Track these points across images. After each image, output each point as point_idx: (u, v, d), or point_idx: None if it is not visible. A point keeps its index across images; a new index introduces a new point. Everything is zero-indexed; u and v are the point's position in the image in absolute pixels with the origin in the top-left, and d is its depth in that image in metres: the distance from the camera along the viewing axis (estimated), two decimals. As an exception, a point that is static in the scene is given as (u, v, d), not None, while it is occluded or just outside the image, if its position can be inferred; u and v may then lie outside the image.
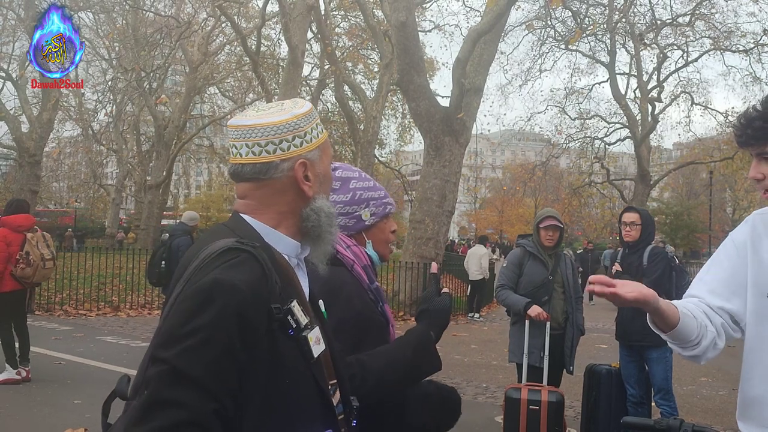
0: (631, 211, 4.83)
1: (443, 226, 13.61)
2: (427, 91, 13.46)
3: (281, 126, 1.29)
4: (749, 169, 1.59)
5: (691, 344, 1.56)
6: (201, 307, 1.11)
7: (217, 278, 1.13)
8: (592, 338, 9.44)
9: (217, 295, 1.11)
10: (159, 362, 1.10)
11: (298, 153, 1.30)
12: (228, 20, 19.10)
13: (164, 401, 1.07)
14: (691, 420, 1.62)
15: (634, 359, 4.64)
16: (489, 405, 6.08)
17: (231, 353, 1.11)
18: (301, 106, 1.34)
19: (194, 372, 1.07)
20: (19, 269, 6.03)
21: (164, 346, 1.11)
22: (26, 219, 6.26)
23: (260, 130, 1.28)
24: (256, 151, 1.28)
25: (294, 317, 1.20)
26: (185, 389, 1.07)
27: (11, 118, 21.76)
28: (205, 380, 1.08)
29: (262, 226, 1.29)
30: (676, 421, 1.59)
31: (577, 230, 43.46)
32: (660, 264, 4.57)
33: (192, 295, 1.13)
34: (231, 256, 1.17)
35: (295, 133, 1.30)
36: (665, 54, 26.42)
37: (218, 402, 1.09)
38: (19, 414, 5.20)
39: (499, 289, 4.81)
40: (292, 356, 1.20)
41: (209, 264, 1.17)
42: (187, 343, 1.09)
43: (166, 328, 1.13)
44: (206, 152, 37.26)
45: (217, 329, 1.10)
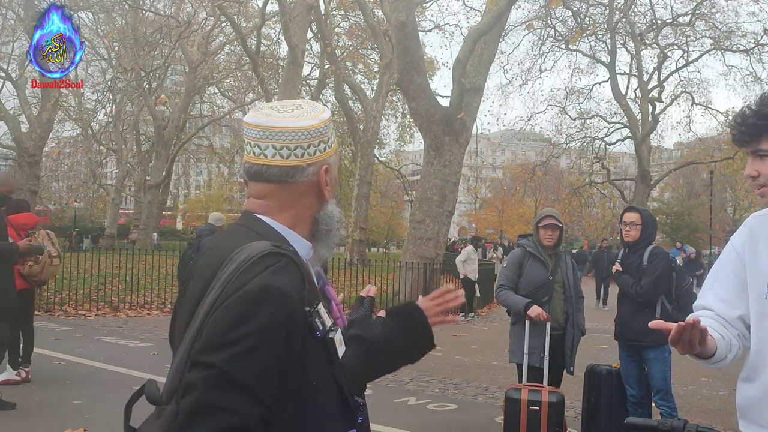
0: (632, 211, 4.83)
1: (443, 226, 13.61)
2: (427, 91, 13.46)
3: (311, 131, 1.30)
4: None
5: (717, 360, 1.59)
6: (251, 313, 1.11)
7: (266, 284, 1.13)
8: (593, 338, 9.42)
9: (268, 301, 1.12)
10: (205, 367, 1.09)
11: (322, 158, 1.32)
12: (228, 20, 19.10)
13: (213, 406, 1.06)
14: (692, 420, 1.62)
15: (633, 359, 4.64)
16: (489, 405, 6.07)
17: (279, 360, 1.12)
18: (323, 111, 1.35)
19: (245, 378, 1.08)
20: (27, 267, 6.01)
21: (211, 351, 1.10)
22: (29, 218, 6.29)
23: (290, 134, 1.28)
24: (284, 154, 1.28)
25: (321, 319, 1.20)
26: (234, 395, 1.07)
27: (11, 118, 21.75)
28: (254, 386, 1.08)
29: (281, 227, 1.30)
30: (680, 421, 1.58)
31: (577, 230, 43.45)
32: (659, 264, 4.57)
33: (240, 301, 1.13)
34: (273, 261, 1.17)
35: (321, 139, 1.31)
36: (666, 54, 26.43)
37: (265, 407, 1.10)
38: (19, 414, 5.19)
39: (500, 289, 4.81)
40: (318, 358, 1.20)
41: (250, 268, 1.16)
42: (237, 348, 1.09)
43: (212, 332, 1.12)
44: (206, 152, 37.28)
45: (269, 335, 1.10)
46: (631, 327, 4.60)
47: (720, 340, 1.58)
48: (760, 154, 1.51)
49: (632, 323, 4.60)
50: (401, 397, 6.22)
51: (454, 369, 7.80)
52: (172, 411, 1.11)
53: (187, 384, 1.10)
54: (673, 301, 4.59)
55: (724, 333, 1.60)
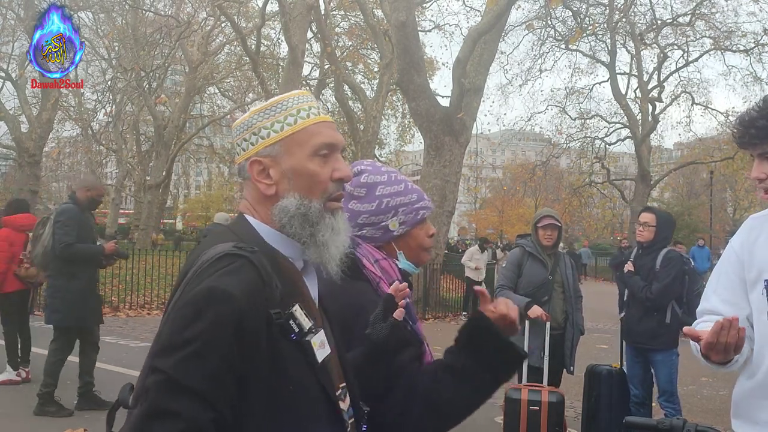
0: (648, 212, 4.82)
1: (443, 226, 13.61)
2: (427, 91, 13.45)
3: (242, 126, 1.30)
4: (750, 169, 1.61)
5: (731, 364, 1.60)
6: (196, 316, 1.09)
7: (211, 286, 1.11)
8: (593, 338, 9.42)
9: (212, 304, 1.09)
10: (156, 372, 1.08)
11: (253, 151, 1.27)
12: (228, 20, 19.10)
13: (162, 412, 1.05)
14: (692, 420, 1.62)
15: (639, 360, 4.63)
16: (489, 405, 6.03)
17: (228, 362, 1.09)
18: (265, 103, 1.31)
19: (191, 382, 1.06)
20: (24, 269, 6.01)
21: (161, 355, 1.10)
22: (28, 218, 6.28)
23: (236, 131, 1.30)
24: (238, 150, 1.30)
25: (296, 321, 1.17)
26: (182, 399, 1.05)
27: (11, 118, 21.75)
28: (202, 390, 1.06)
29: (264, 227, 1.27)
30: (679, 421, 1.59)
31: (577, 230, 43.43)
32: (672, 270, 4.52)
33: (187, 304, 1.12)
34: (227, 263, 1.15)
35: (251, 131, 1.28)
36: (665, 54, 26.41)
37: (216, 411, 1.07)
38: (19, 414, 5.19)
39: (499, 289, 4.81)
40: (296, 361, 1.17)
41: (205, 271, 1.15)
42: (183, 352, 1.07)
43: (164, 336, 1.12)
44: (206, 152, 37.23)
45: (213, 338, 1.08)
46: (639, 329, 4.59)
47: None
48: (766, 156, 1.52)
49: (640, 326, 4.59)
50: (401, 397, 6.21)
51: (454, 369, 7.80)
52: (134, 415, 1.10)
53: (143, 389, 1.10)
54: (683, 305, 4.56)
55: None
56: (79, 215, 5.29)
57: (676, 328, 4.55)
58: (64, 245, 5.10)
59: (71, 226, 5.17)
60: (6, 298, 6.11)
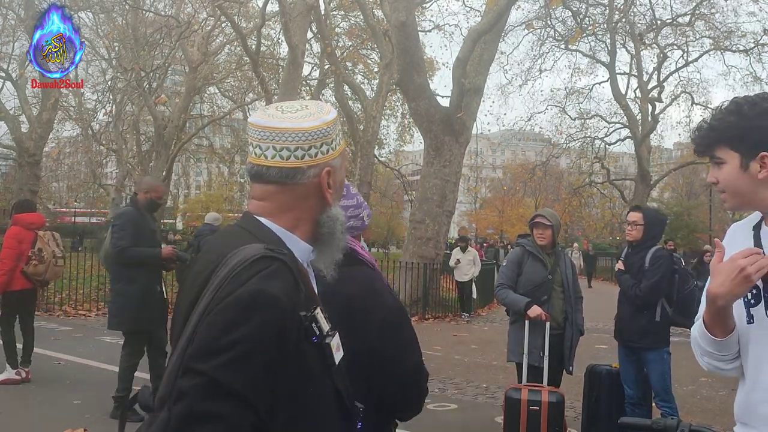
0: (636, 210, 4.83)
1: (443, 226, 13.62)
2: (427, 91, 13.46)
3: (312, 132, 1.28)
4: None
5: (732, 356, 1.62)
6: (242, 319, 1.09)
7: (257, 289, 1.12)
8: (592, 338, 9.42)
9: (259, 307, 1.10)
10: (196, 374, 1.08)
11: (325, 160, 1.30)
12: (228, 20, 19.09)
13: (204, 414, 1.05)
14: (691, 420, 1.63)
15: (631, 359, 4.64)
16: (489, 405, 6.07)
17: (271, 366, 1.10)
18: (327, 113, 1.32)
19: (235, 385, 1.07)
20: (32, 266, 6.02)
21: (201, 357, 1.09)
22: (37, 217, 6.33)
23: (291, 135, 1.27)
24: (284, 155, 1.27)
25: (318, 324, 1.18)
26: (225, 402, 1.06)
27: (11, 118, 21.74)
28: (245, 393, 1.07)
29: (280, 230, 1.28)
30: (673, 420, 1.62)
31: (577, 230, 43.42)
32: (660, 268, 4.53)
33: (231, 306, 1.11)
34: (264, 265, 1.15)
35: (324, 141, 1.30)
36: (665, 54, 26.41)
37: (256, 415, 1.08)
38: (19, 414, 5.19)
39: (499, 288, 4.81)
40: (315, 363, 1.19)
41: (242, 273, 1.14)
42: (227, 355, 1.07)
43: (203, 339, 1.11)
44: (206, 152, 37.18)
45: (259, 342, 1.09)
46: (630, 328, 4.60)
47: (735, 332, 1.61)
48: (716, 161, 1.63)
49: (631, 324, 4.60)
50: (401, 397, 6.22)
51: (454, 369, 7.80)
52: (163, 418, 1.10)
53: (179, 391, 1.09)
54: (673, 303, 4.58)
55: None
56: (136, 218, 5.24)
57: (666, 327, 4.57)
58: (119, 249, 5.08)
59: (126, 229, 5.13)
60: (12, 296, 6.11)
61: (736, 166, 1.59)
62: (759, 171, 1.56)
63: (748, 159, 1.57)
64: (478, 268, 13.20)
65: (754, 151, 1.56)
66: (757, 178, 1.56)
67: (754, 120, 1.55)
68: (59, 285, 11.42)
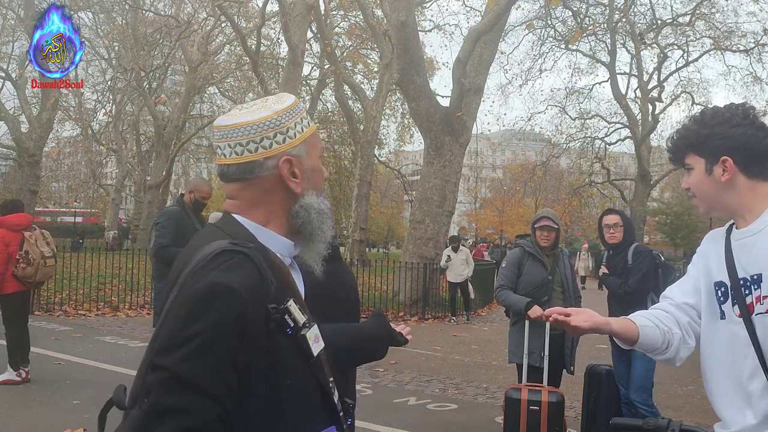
0: (612, 213, 4.89)
1: (443, 226, 13.61)
2: (427, 91, 13.45)
3: (261, 123, 1.27)
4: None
5: (659, 351, 1.76)
6: (199, 312, 1.09)
7: (215, 281, 1.11)
8: (592, 338, 9.42)
9: (216, 299, 1.10)
10: (159, 369, 1.08)
11: (281, 150, 1.27)
12: (228, 20, 19.09)
13: (168, 409, 1.06)
14: (691, 420, 1.64)
15: (624, 359, 4.65)
16: (489, 405, 6.07)
17: (232, 358, 1.10)
18: (283, 102, 1.31)
19: (196, 378, 1.06)
20: (20, 269, 5.98)
21: (163, 352, 1.09)
22: (23, 218, 6.19)
23: (241, 130, 1.26)
24: (238, 150, 1.26)
25: (291, 316, 1.18)
26: (188, 396, 1.06)
27: (11, 118, 21.76)
28: (207, 385, 1.07)
29: (253, 225, 1.28)
30: (663, 420, 1.71)
31: (577, 230, 43.43)
32: (644, 262, 4.62)
33: (189, 300, 1.12)
34: (226, 258, 1.15)
35: (277, 130, 1.28)
36: (665, 54, 26.44)
37: (221, 407, 1.08)
38: (19, 414, 5.19)
39: (499, 289, 4.81)
40: (292, 356, 1.18)
41: (204, 267, 1.15)
42: (187, 348, 1.07)
43: (164, 334, 1.11)
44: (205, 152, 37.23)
45: (218, 333, 1.09)
46: None
47: (653, 329, 1.74)
48: (687, 168, 1.74)
49: None
50: (401, 397, 6.22)
51: (454, 369, 7.80)
52: (135, 415, 1.10)
53: (146, 387, 1.10)
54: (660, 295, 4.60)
55: (666, 324, 1.77)
56: (179, 217, 5.24)
57: None
58: (158, 247, 5.10)
59: (168, 228, 5.15)
60: (6, 300, 6.09)
61: (702, 170, 1.70)
62: (722, 174, 1.67)
63: (711, 163, 1.68)
64: (471, 268, 12.77)
65: (717, 155, 1.67)
66: (721, 181, 1.67)
67: (714, 128, 1.67)
68: (59, 285, 11.42)
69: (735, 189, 1.67)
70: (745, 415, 1.62)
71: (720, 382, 1.70)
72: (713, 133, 1.67)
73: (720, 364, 1.69)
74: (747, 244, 1.65)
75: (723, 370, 1.69)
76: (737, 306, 1.64)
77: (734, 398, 1.66)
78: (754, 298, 1.60)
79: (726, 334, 1.67)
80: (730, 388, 1.67)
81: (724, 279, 1.68)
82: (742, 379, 1.63)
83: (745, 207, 1.67)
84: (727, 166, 1.65)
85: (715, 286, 1.71)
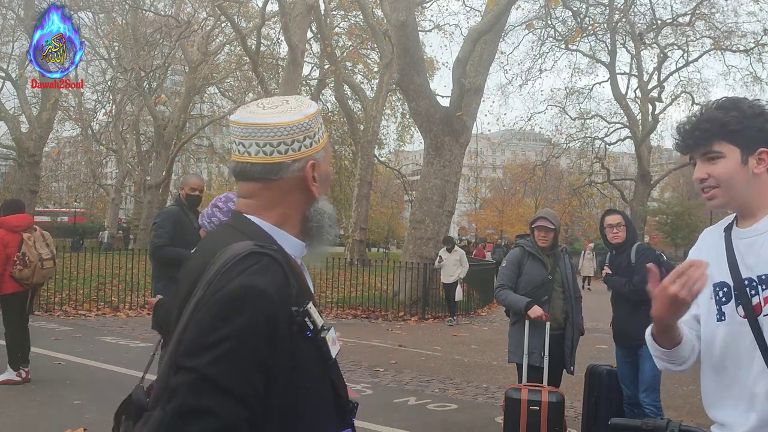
0: (614, 214, 4.88)
1: (443, 226, 13.61)
2: (427, 91, 13.46)
3: (294, 126, 1.27)
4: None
5: (680, 361, 1.73)
6: (230, 314, 1.10)
7: (245, 284, 1.12)
8: (593, 338, 9.42)
9: (247, 302, 1.10)
10: (187, 371, 1.08)
11: (308, 154, 1.29)
12: (228, 20, 19.10)
13: (196, 410, 1.06)
14: (691, 420, 1.64)
15: (629, 360, 4.64)
16: (489, 405, 6.07)
17: (261, 361, 1.10)
18: (308, 106, 1.32)
19: (226, 380, 1.07)
20: (17, 271, 5.95)
21: (192, 354, 1.09)
22: (23, 219, 6.16)
23: (272, 130, 1.26)
24: (267, 150, 1.26)
25: (311, 319, 1.18)
26: (217, 397, 1.06)
27: (11, 118, 21.76)
28: (235, 388, 1.07)
29: (268, 225, 1.27)
30: (662, 421, 1.67)
31: (577, 230, 43.42)
32: (648, 259, 4.59)
33: (219, 302, 1.11)
34: (254, 261, 1.15)
35: (306, 134, 1.29)
36: (665, 54, 26.44)
37: (248, 409, 1.09)
38: (19, 414, 5.19)
39: (499, 288, 4.81)
40: (311, 358, 1.19)
41: (231, 269, 1.14)
42: (217, 351, 1.08)
43: (193, 335, 1.11)
44: (206, 152, 37.25)
45: (249, 336, 1.09)
46: (631, 327, 4.59)
47: (687, 338, 1.70)
48: (711, 156, 1.65)
49: (630, 324, 4.59)
50: (401, 397, 6.22)
51: (454, 369, 7.80)
52: (157, 416, 1.10)
53: (171, 389, 1.09)
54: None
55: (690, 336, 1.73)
56: (177, 217, 5.15)
57: None
58: (155, 247, 5.05)
59: (165, 227, 5.06)
60: (5, 300, 6.08)
61: (737, 160, 1.62)
62: (756, 166, 1.62)
63: (747, 154, 1.62)
64: (465, 269, 12.45)
65: (754, 146, 1.61)
66: (753, 172, 1.62)
67: (753, 118, 1.61)
68: (59, 285, 11.41)
69: (760, 183, 1.63)
70: (749, 417, 1.58)
71: (719, 384, 1.67)
72: (752, 124, 1.61)
73: (719, 367, 1.66)
74: (755, 243, 1.62)
75: (722, 373, 1.65)
76: (741, 307, 1.61)
77: (736, 401, 1.61)
78: (762, 298, 1.57)
79: (726, 336, 1.64)
80: (731, 390, 1.63)
81: (726, 279, 1.65)
82: (746, 382, 1.59)
83: (763, 203, 1.64)
84: (764, 158, 1.61)
85: (715, 287, 1.68)
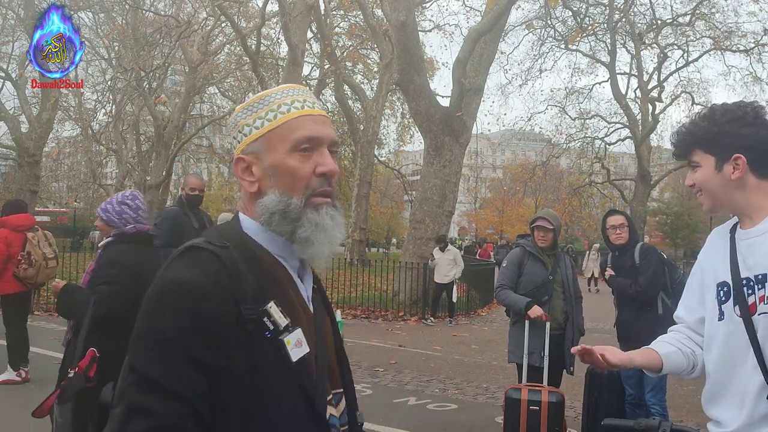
0: (617, 214, 4.86)
1: (443, 226, 13.61)
2: (427, 91, 13.45)
3: (229, 125, 1.29)
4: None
5: (686, 372, 1.81)
6: (156, 309, 1.10)
7: (170, 278, 1.11)
8: (593, 339, 9.42)
9: (170, 296, 1.09)
10: (130, 370, 1.09)
11: (238, 149, 1.26)
12: (228, 20, 19.09)
13: (135, 409, 1.05)
14: (691, 420, 1.64)
15: None
16: (489, 405, 6.07)
17: (191, 354, 1.07)
18: (249, 99, 1.29)
19: (154, 374, 1.05)
20: (22, 270, 5.97)
21: (131, 351, 1.10)
22: (26, 219, 6.19)
23: (228, 131, 1.32)
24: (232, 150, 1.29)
25: (271, 319, 1.14)
26: (152, 394, 1.05)
27: (11, 118, 21.75)
28: (167, 383, 1.05)
29: (253, 224, 1.24)
30: (654, 420, 1.71)
31: (577, 230, 43.41)
32: (653, 260, 4.59)
33: (148, 298, 1.12)
34: (191, 256, 1.14)
35: (237, 129, 1.27)
36: (665, 54, 26.42)
37: (188, 406, 1.05)
38: (18, 414, 5.19)
39: (499, 288, 4.81)
40: (272, 360, 1.13)
41: (167, 266, 1.15)
42: (146, 345, 1.07)
43: (134, 334, 1.11)
44: (206, 152, 37.22)
45: (172, 330, 1.07)
46: (637, 329, 4.59)
47: (676, 354, 1.80)
48: (692, 165, 1.73)
49: (636, 324, 4.59)
50: (401, 397, 6.22)
51: (454, 369, 7.80)
52: (112, 416, 1.10)
53: (120, 389, 1.10)
54: (671, 295, 4.59)
55: (688, 347, 1.80)
56: (177, 217, 5.19)
57: (669, 320, 4.55)
58: None
59: (164, 228, 5.10)
60: (6, 300, 6.08)
61: (711, 167, 1.68)
62: (732, 172, 1.65)
63: (721, 161, 1.66)
64: (460, 269, 12.30)
65: (728, 153, 1.65)
66: (730, 179, 1.66)
67: (725, 125, 1.66)
68: (59, 285, 11.39)
69: (744, 188, 1.66)
70: (741, 414, 1.62)
71: (718, 382, 1.70)
72: (724, 131, 1.65)
73: (719, 365, 1.69)
74: (754, 244, 1.65)
75: (721, 371, 1.69)
76: (738, 306, 1.63)
77: (732, 399, 1.65)
78: (757, 298, 1.59)
79: (724, 335, 1.67)
80: (727, 388, 1.67)
81: (728, 279, 1.67)
82: (740, 380, 1.63)
83: (753, 206, 1.66)
84: (739, 164, 1.64)
85: (718, 286, 1.70)
